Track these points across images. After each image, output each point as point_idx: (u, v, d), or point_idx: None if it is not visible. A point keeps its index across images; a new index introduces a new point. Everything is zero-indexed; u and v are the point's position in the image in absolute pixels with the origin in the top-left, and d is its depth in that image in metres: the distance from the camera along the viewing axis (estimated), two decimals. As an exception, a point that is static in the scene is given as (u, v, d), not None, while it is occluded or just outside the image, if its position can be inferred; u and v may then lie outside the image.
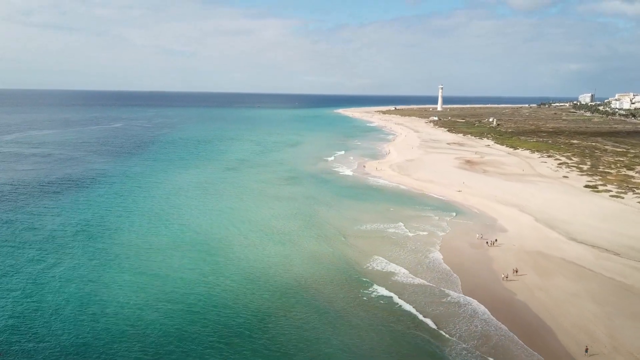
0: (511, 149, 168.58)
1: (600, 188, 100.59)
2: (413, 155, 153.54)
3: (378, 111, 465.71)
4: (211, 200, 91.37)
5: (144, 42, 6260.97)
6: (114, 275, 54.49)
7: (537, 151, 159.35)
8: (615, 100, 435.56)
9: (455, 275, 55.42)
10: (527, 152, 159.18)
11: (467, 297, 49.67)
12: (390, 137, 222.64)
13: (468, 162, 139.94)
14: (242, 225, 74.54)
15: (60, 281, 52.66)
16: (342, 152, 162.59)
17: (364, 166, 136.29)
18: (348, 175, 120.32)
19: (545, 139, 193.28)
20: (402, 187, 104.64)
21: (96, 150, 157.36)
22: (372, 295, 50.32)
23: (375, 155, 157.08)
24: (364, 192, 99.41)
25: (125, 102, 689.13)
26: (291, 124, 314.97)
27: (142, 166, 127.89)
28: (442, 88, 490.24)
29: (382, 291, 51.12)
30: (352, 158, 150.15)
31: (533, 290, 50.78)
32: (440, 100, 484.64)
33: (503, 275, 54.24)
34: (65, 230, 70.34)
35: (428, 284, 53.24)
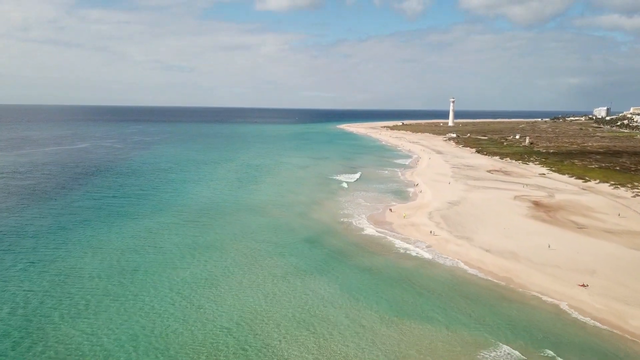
0: (580, 181, 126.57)
1: None
2: (453, 192, 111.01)
3: (384, 127, 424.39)
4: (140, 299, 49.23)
5: (143, 58, 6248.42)
6: None
7: (620, 184, 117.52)
8: (632, 114, 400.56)
9: None
10: (605, 186, 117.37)
11: None
12: (410, 160, 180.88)
13: (537, 205, 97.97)
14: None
15: None
16: (357, 188, 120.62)
17: (391, 210, 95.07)
18: (374, 245, 78.20)
19: (606, 164, 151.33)
20: (467, 269, 62.04)
21: (20, 184, 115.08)
22: None
23: (401, 192, 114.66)
24: (409, 291, 57.30)
25: (116, 117, 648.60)
26: (288, 142, 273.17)
27: (62, 216, 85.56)
28: (453, 101, 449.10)
29: None
30: (371, 199, 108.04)
31: None
32: (451, 115, 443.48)
33: None
34: None
35: None
